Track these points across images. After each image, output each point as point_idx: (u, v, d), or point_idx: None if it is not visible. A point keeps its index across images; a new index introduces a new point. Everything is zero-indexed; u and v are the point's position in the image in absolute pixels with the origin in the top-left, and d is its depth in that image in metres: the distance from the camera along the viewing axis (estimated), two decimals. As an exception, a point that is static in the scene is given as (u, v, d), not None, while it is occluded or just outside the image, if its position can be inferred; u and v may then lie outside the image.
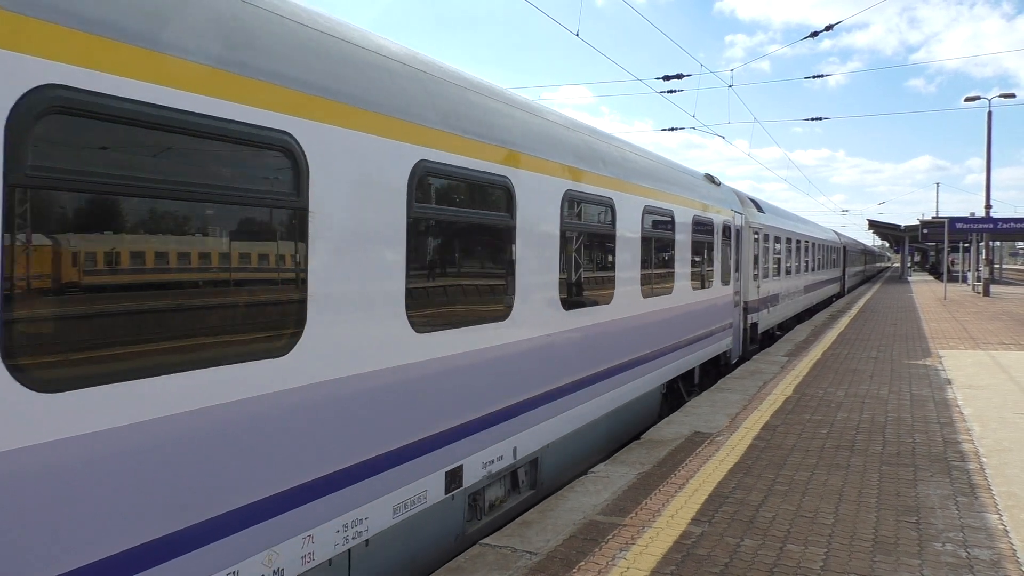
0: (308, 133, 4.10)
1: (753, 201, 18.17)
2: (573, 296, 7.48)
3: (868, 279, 69.82)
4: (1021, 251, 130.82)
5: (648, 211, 9.33)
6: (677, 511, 6.17)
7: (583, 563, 5.15)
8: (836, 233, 43.07)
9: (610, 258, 8.36)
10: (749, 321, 16.42)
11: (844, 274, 43.10)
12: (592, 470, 7.37)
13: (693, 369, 12.18)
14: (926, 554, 5.33)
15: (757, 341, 17.44)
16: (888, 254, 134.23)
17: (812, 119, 29.76)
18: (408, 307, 4.97)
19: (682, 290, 10.90)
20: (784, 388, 11.81)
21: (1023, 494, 6.63)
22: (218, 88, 3.59)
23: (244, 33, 3.82)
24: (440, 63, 6.01)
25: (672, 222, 10.40)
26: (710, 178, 13.90)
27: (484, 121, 5.96)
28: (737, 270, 14.95)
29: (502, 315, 6.19)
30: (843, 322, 23.42)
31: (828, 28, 18.80)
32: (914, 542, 5.55)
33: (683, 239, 10.92)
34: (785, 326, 22.69)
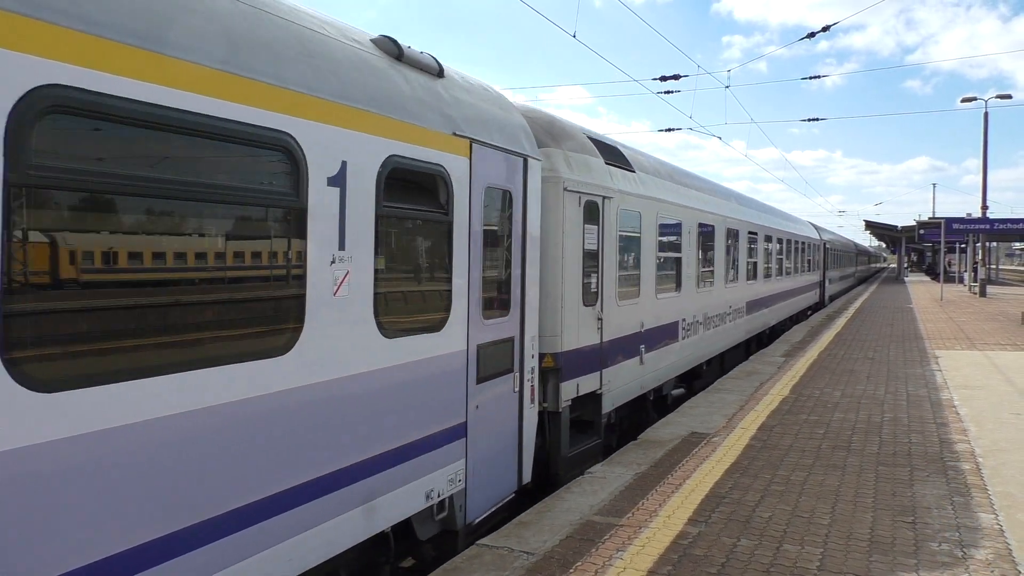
0: None
1: (596, 141, 9.04)
2: None
3: (862, 281, 67.73)
4: (1018, 251, 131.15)
5: None
6: (674, 511, 6.17)
7: (580, 563, 5.15)
8: (814, 226, 32.55)
9: None
10: (566, 396, 7.64)
11: (824, 279, 33.17)
12: (589, 471, 7.38)
13: None
14: (922, 554, 5.34)
15: (603, 431, 8.48)
16: (884, 254, 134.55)
17: (809, 120, 30.04)
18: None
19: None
20: (781, 389, 11.82)
21: (1019, 494, 6.65)
22: None
23: None
24: None
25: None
26: (390, 43, 5.22)
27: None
28: (503, 288, 6.38)
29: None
30: (840, 323, 23.46)
31: (825, 29, 18.86)
32: (910, 542, 5.56)
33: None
34: (705, 371, 13.55)
